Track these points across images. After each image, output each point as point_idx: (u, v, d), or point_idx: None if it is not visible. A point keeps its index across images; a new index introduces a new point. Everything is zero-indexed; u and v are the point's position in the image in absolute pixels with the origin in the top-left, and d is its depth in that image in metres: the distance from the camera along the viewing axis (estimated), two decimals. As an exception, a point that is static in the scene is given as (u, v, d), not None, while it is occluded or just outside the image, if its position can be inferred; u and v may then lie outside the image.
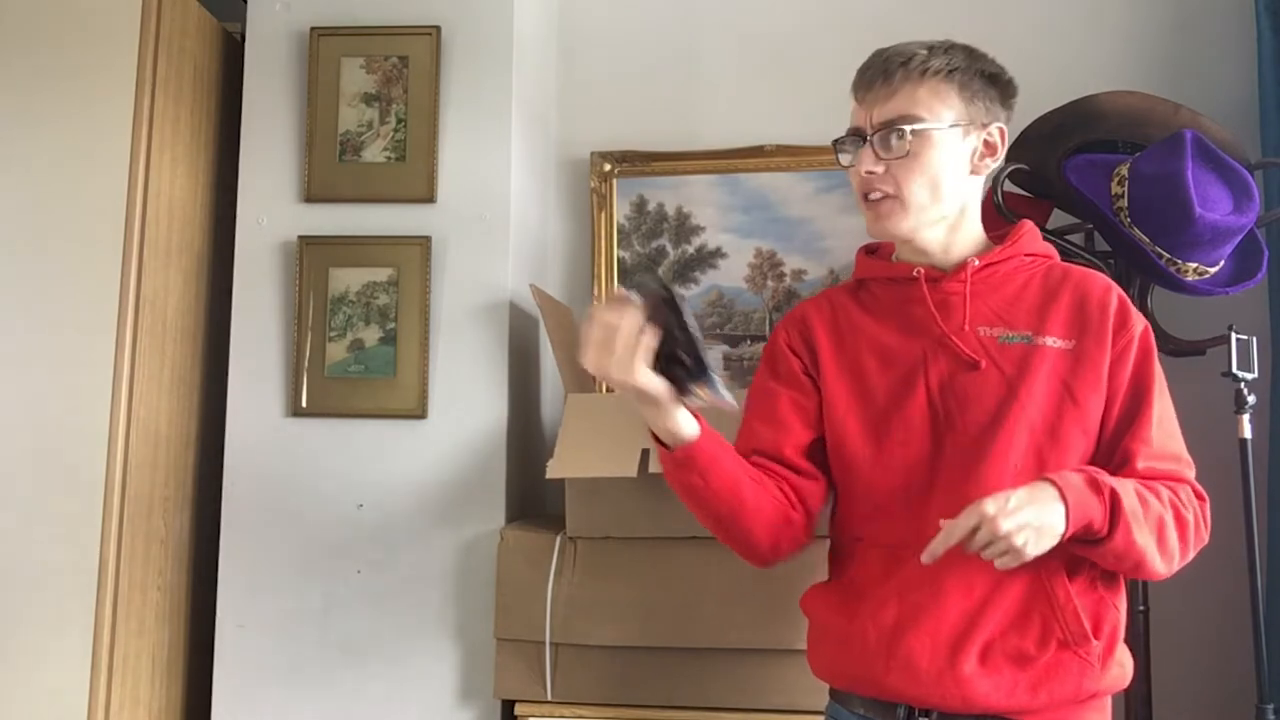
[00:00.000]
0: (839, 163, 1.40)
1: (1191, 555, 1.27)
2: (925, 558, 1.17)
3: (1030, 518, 1.14)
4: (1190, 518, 1.26)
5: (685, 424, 1.25)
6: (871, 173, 1.32)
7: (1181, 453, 1.32)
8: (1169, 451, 1.30)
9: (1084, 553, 1.22)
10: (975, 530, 1.14)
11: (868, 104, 1.35)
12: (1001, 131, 1.38)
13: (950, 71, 1.33)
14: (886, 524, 1.31)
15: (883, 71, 1.34)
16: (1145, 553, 1.21)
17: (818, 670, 1.39)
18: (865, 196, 1.35)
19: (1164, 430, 1.30)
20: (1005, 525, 1.13)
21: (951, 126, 1.33)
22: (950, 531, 1.15)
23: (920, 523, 1.27)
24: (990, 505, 1.14)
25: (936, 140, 1.32)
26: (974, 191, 1.39)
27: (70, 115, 1.87)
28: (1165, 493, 1.25)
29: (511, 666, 1.81)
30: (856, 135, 1.36)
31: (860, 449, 1.34)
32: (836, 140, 1.39)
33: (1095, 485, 1.18)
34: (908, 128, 1.31)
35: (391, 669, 1.92)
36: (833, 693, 1.38)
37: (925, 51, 1.34)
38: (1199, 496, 1.30)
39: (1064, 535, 1.16)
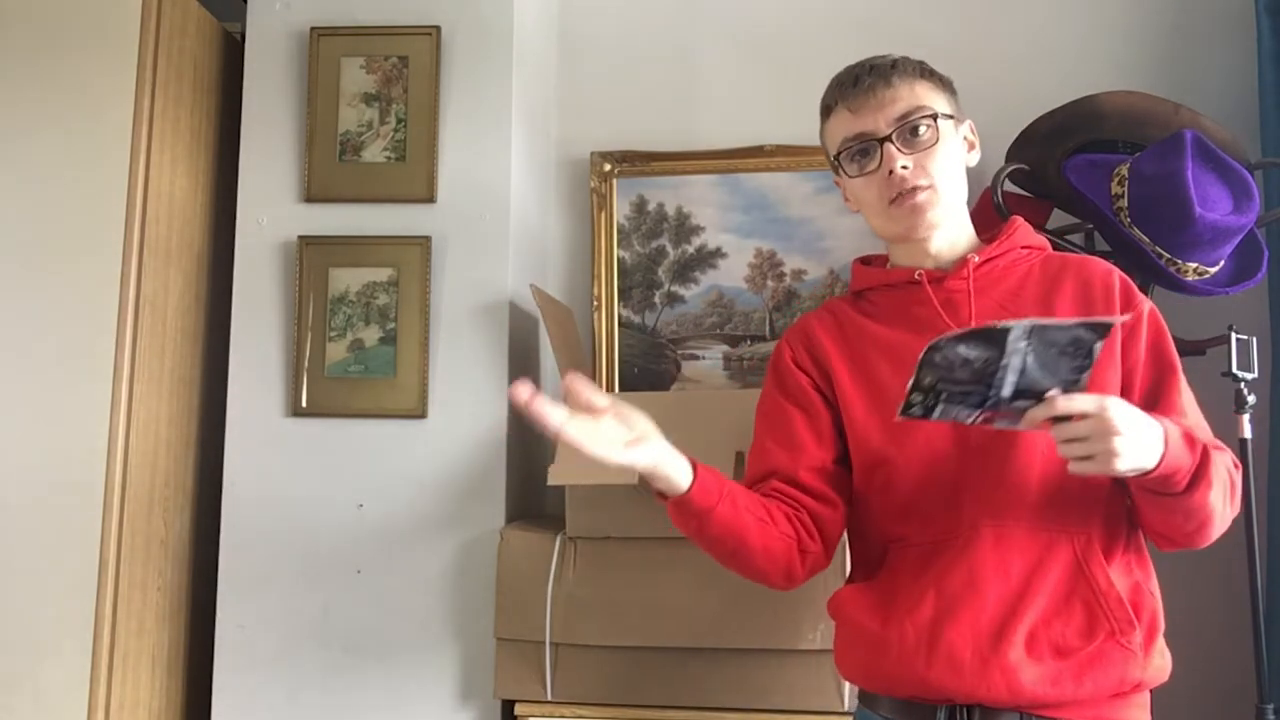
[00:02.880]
0: (845, 174, 1.40)
1: (1229, 523, 1.28)
2: (1023, 425, 1.14)
3: (1139, 432, 1.12)
4: (1238, 483, 1.27)
5: (677, 475, 1.24)
6: (905, 167, 1.33)
7: (1206, 424, 1.33)
8: (1200, 422, 1.31)
9: (1155, 504, 1.21)
10: (1082, 416, 1.11)
11: (871, 109, 1.35)
12: (973, 128, 1.44)
13: (927, 72, 1.39)
14: (919, 523, 1.31)
15: (880, 76, 1.36)
16: (1213, 515, 1.21)
17: (848, 673, 1.38)
18: (895, 197, 1.34)
19: (1190, 401, 1.32)
20: (1120, 423, 1.10)
21: (950, 117, 1.37)
22: (1066, 404, 1.11)
23: (953, 517, 1.27)
24: (1112, 401, 1.12)
25: (947, 130, 1.36)
26: (966, 187, 1.42)
27: (70, 115, 1.87)
28: (1222, 460, 1.24)
29: (511, 666, 1.81)
30: (866, 140, 1.36)
31: (884, 448, 1.33)
32: (839, 154, 1.39)
33: (1190, 440, 1.18)
34: (929, 116, 1.34)
35: (391, 669, 1.92)
36: (862, 696, 1.37)
37: (898, 58, 1.39)
38: (1236, 465, 1.30)
39: (1150, 472, 1.14)
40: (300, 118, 2.06)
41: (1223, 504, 1.22)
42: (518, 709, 1.81)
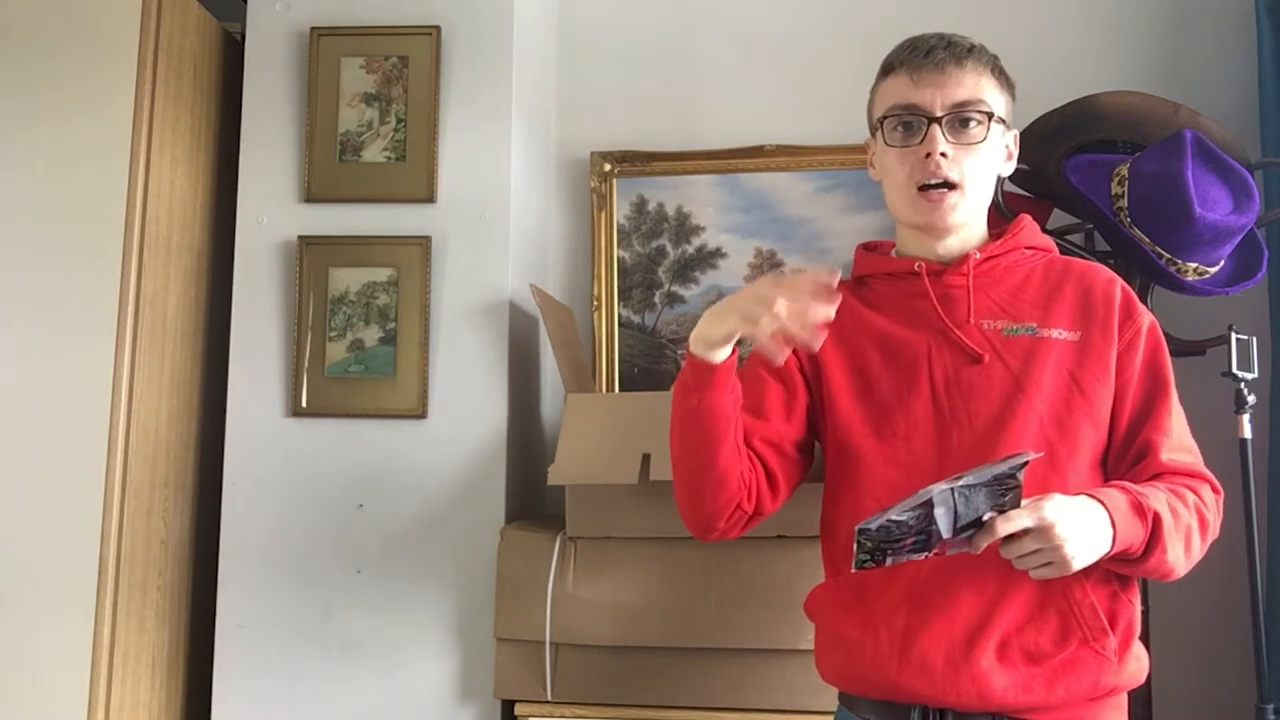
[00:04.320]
0: (884, 141, 1.35)
1: (1205, 552, 1.28)
2: (973, 549, 1.14)
3: (1083, 530, 1.13)
4: (1211, 519, 1.26)
5: (723, 354, 1.24)
6: (944, 155, 1.29)
7: (1193, 444, 1.32)
8: (1185, 443, 1.31)
9: (1116, 568, 1.23)
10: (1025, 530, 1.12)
11: (933, 84, 1.30)
12: (1017, 139, 1.41)
13: (998, 70, 1.35)
14: None
15: (953, 56, 1.31)
16: (1175, 566, 1.22)
17: (827, 675, 1.38)
18: (922, 182, 1.31)
19: (1179, 421, 1.31)
20: (1063, 533, 1.12)
21: (1002, 121, 1.34)
22: (1005, 526, 1.12)
23: None
24: (1050, 510, 1.12)
25: (995, 133, 1.33)
26: (991, 192, 1.40)
27: (70, 115, 1.87)
28: (1192, 499, 1.24)
29: (511, 666, 1.81)
30: (916, 114, 1.31)
31: (863, 441, 1.33)
32: (885, 116, 1.34)
33: (1139, 509, 1.18)
34: (985, 114, 1.31)
35: (391, 669, 1.92)
36: (842, 697, 1.38)
37: (977, 44, 1.34)
38: (1215, 491, 1.29)
39: (1104, 556, 1.16)
40: (300, 118, 2.06)
41: (1185, 554, 1.23)
42: (518, 709, 1.81)
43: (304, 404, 1.98)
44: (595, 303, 2.32)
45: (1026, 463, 1.11)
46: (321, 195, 2.03)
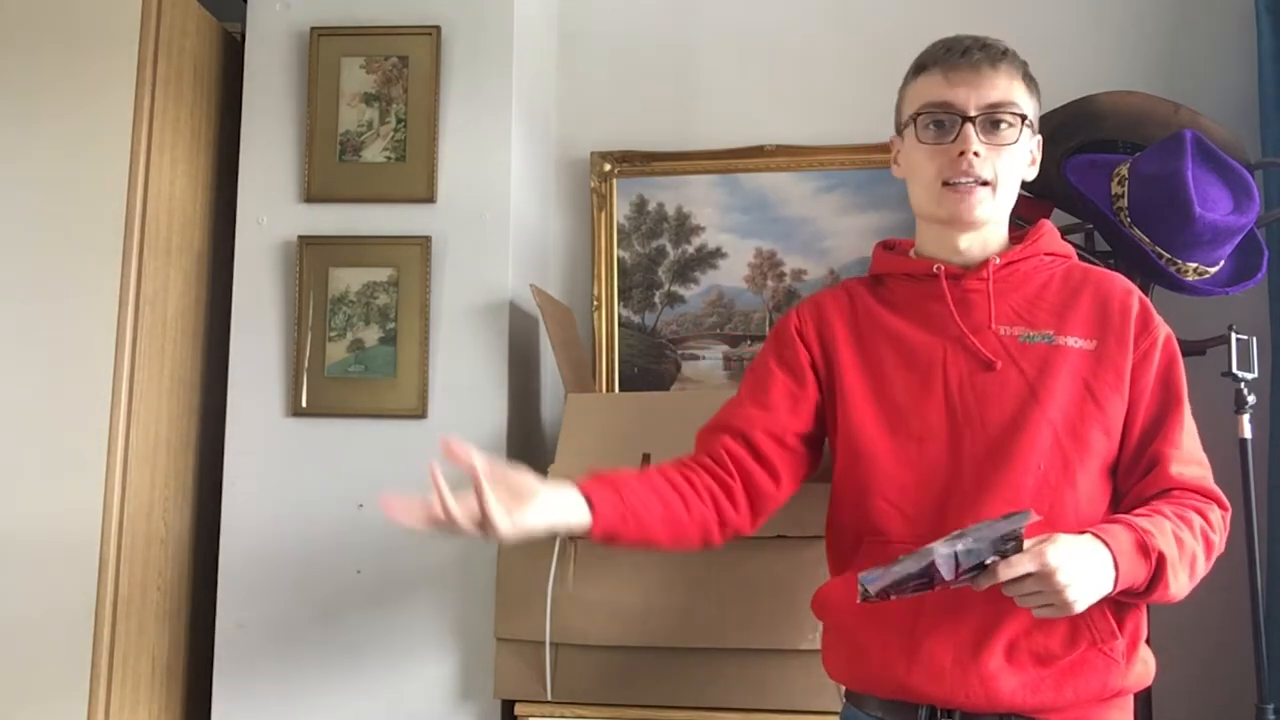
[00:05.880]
0: (917, 139, 1.34)
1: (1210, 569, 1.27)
2: (974, 586, 1.14)
3: (1086, 574, 1.13)
4: (1216, 540, 1.26)
5: (574, 519, 1.24)
6: (977, 154, 1.30)
7: (1204, 457, 1.32)
8: (1196, 456, 1.30)
9: (1119, 599, 1.22)
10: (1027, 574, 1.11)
11: (968, 84, 1.31)
12: (1040, 145, 1.40)
13: (1028, 75, 1.36)
14: (902, 521, 1.30)
15: (988, 57, 1.32)
16: (1178, 595, 1.21)
17: (834, 672, 1.38)
18: (952, 179, 1.31)
19: (1190, 434, 1.31)
20: (1065, 579, 1.11)
21: (1030, 125, 1.35)
22: (1007, 571, 1.11)
23: (938, 521, 1.26)
24: (1053, 555, 1.11)
25: (1024, 136, 1.33)
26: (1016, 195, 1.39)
27: (70, 115, 1.87)
28: (1198, 522, 1.24)
29: (511, 666, 1.81)
30: (950, 112, 1.31)
31: (876, 443, 1.33)
32: (916, 115, 1.34)
33: (1144, 549, 1.17)
34: (1018, 115, 1.31)
35: (391, 669, 1.92)
36: (849, 695, 1.38)
37: (1009, 48, 1.35)
38: (1224, 508, 1.29)
39: (1107, 595, 1.16)
40: (300, 118, 2.06)
41: (1190, 580, 1.22)
42: (518, 709, 1.81)
43: (304, 404, 1.98)
44: (595, 303, 2.32)
45: (1026, 524, 1.10)
46: (321, 195, 2.03)
